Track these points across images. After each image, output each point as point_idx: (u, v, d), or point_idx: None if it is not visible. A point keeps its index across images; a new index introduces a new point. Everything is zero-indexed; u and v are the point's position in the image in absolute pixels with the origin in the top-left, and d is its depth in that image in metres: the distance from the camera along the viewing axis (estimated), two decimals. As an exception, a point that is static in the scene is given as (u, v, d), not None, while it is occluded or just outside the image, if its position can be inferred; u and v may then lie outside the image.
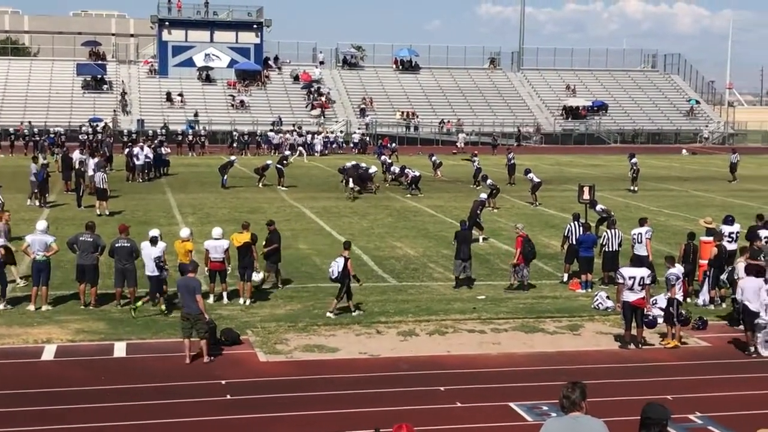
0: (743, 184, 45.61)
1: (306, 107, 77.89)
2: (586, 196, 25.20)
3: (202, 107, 74.32)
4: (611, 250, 21.27)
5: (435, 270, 23.23)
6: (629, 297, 16.25)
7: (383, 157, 46.63)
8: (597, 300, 19.46)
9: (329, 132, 68.65)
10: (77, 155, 39.39)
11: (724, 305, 19.51)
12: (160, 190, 39.65)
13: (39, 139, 57.53)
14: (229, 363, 15.24)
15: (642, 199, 38.02)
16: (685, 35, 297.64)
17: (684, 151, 70.76)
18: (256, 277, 19.77)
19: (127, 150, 45.46)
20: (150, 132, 60.05)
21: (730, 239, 20.81)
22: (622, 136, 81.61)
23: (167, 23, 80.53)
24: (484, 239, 27.05)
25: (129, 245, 18.81)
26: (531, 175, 36.51)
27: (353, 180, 38.45)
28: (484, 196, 29.64)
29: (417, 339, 16.84)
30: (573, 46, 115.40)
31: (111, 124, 67.68)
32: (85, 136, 59.52)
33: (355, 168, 40.24)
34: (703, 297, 19.83)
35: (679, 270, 17.33)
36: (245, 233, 19.82)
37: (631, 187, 41.36)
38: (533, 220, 31.85)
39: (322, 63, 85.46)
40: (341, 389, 13.88)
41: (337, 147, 65.63)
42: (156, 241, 18.68)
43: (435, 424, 12.41)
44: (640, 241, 20.98)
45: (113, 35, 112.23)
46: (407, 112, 78.72)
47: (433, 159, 46.61)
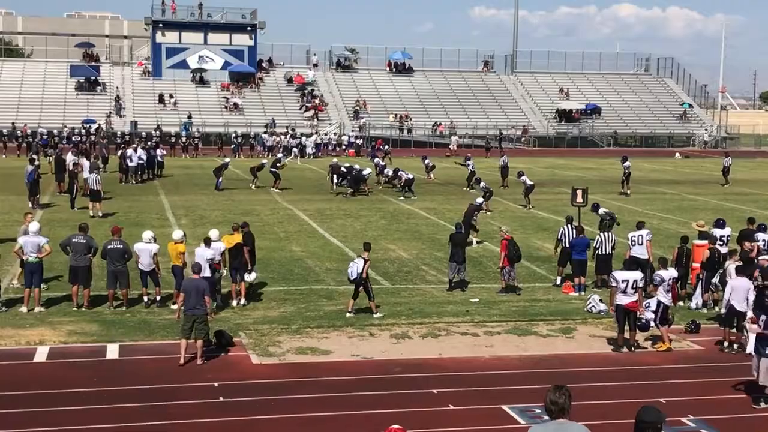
0: (735, 187, 45.73)
1: (300, 109, 77.89)
2: (579, 199, 25.26)
3: (195, 109, 74.25)
4: (604, 253, 21.29)
5: (428, 272, 23.24)
6: (622, 300, 16.28)
7: (376, 160, 46.65)
8: (590, 303, 19.50)
9: (323, 134, 68.62)
10: (70, 157, 39.38)
11: (716, 308, 19.52)
12: (153, 191, 39.59)
13: (32, 141, 57.38)
14: (222, 365, 15.23)
15: (635, 203, 38.07)
16: (678, 39, 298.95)
17: (677, 155, 70.92)
18: (248, 278, 19.77)
19: (120, 152, 45.44)
20: (143, 134, 59.90)
21: (721, 242, 20.89)
22: (615, 139, 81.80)
23: (161, 25, 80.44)
24: (478, 242, 27.06)
25: (121, 247, 18.80)
26: (524, 178, 36.56)
27: (348, 182, 38.57)
28: (480, 200, 29.64)
29: (410, 341, 16.84)
30: (566, 49, 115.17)
31: (105, 125, 67.56)
32: (78, 137, 59.39)
33: (350, 170, 40.30)
34: (696, 300, 19.88)
35: (670, 273, 17.35)
36: (236, 234, 19.81)
37: (623, 190, 41.42)
38: (526, 222, 31.91)
39: (315, 65, 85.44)
40: (334, 392, 13.87)
41: (331, 149, 65.64)
42: (209, 242, 18.68)
43: (427, 426, 12.41)
44: (640, 243, 21.00)
45: (107, 37, 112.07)
46: (401, 114, 78.78)
47: (426, 162, 46.60)
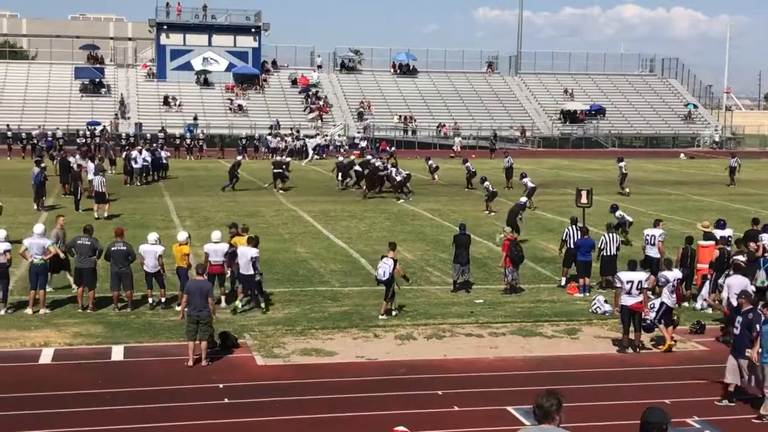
0: (740, 187, 45.68)
1: (304, 111, 77.92)
2: (583, 200, 25.24)
3: (200, 111, 74.31)
4: (609, 254, 21.27)
5: (432, 274, 23.23)
6: (627, 301, 16.27)
7: (378, 162, 46.65)
8: (595, 304, 19.48)
9: (325, 136, 68.57)
10: (75, 158, 39.42)
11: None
12: (158, 193, 39.62)
13: (37, 143, 57.41)
14: (227, 366, 15.24)
15: (640, 203, 37.99)
16: (683, 40, 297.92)
17: (682, 155, 70.83)
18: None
19: (125, 154, 45.51)
20: (148, 135, 59.90)
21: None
22: (620, 140, 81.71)
23: (165, 27, 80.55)
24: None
25: (125, 248, 18.81)
26: (526, 180, 36.56)
27: (366, 178, 39.07)
28: (524, 199, 28.97)
29: (414, 343, 16.84)
30: (570, 50, 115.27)
31: (110, 127, 67.62)
32: (83, 139, 59.41)
33: (365, 165, 41.41)
34: (701, 301, 19.83)
35: (675, 274, 17.32)
36: (245, 236, 19.83)
37: (620, 190, 41.43)
38: (531, 224, 31.83)
39: (320, 67, 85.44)
40: (338, 393, 13.88)
41: (335, 150, 65.62)
42: (252, 241, 19.08)
43: (432, 427, 12.40)
44: (653, 243, 21.04)
45: (111, 39, 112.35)
46: (405, 115, 78.79)
47: (430, 162, 46.62)
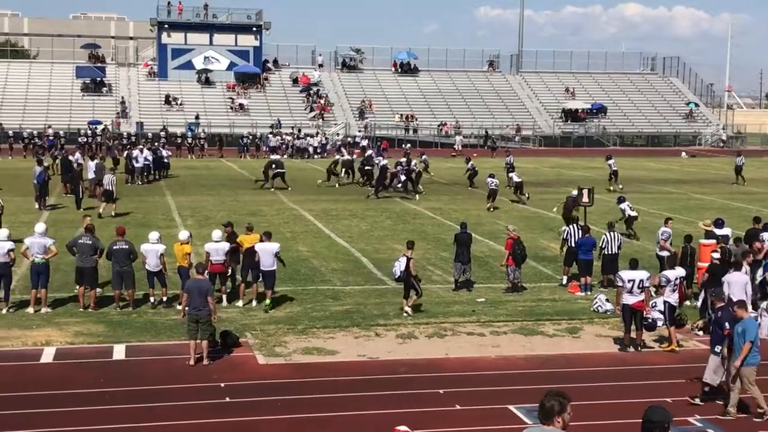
0: (742, 186, 45.67)
1: (305, 110, 77.91)
2: (585, 198, 25.23)
3: (201, 110, 74.30)
4: (610, 252, 21.27)
5: (434, 272, 23.22)
6: (629, 300, 16.26)
7: (380, 160, 46.62)
8: (596, 303, 19.48)
9: (326, 135, 68.53)
10: (75, 157, 39.45)
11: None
12: (159, 192, 39.63)
13: (38, 142, 57.44)
14: (228, 365, 15.24)
15: (641, 202, 37.90)
16: (684, 38, 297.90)
17: (683, 154, 70.79)
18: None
19: (126, 153, 45.53)
20: (149, 134, 59.89)
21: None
22: (621, 138, 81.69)
23: (167, 26, 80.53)
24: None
25: (127, 247, 18.81)
26: (512, 175, 37.30)
27: (377, 179, 39.28)
28: (575, 192, 28.18)
29: (416, 341, 16.83)
30: (572, 49, 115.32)
31: (111, 127, 67.61)
32: (85, 138, 59.46)
33: (367, 162, 42.20)
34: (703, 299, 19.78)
35: (677, 273, 17.30)
36: (252, 234, 19.85)
37: (610, 188, 41.59)
38: (533, 222, 31.87)
39: (321, 66, 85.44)
40: (340, 392, 13.88)
41: (335, 150, 65.50)
42: (271, 236, 19.60)
43: (434, 426, 12.40)
44: (657, 242, 21.07)
45: (113, 38, 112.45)
46: (406, 114, 78.76)
47: (423, 158, 46.70)
